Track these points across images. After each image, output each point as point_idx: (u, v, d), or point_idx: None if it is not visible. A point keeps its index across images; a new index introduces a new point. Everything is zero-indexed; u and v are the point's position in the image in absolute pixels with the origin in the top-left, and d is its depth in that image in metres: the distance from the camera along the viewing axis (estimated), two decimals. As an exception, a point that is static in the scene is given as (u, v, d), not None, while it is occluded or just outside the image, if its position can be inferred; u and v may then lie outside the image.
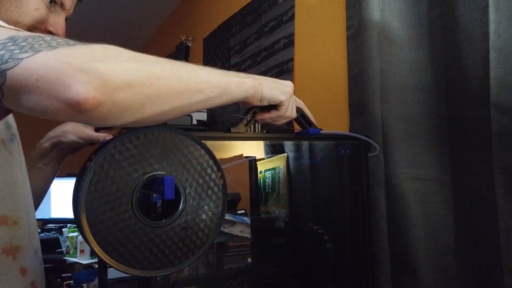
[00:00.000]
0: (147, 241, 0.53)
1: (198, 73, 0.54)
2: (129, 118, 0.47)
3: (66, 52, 0.45)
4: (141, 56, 0.49)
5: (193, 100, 0.52)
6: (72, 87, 0.42)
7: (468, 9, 0.84)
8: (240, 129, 0.70)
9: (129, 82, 0.45)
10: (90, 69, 0.43)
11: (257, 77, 0.64)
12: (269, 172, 1.13)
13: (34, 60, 0.44)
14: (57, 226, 2.76)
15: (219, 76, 0.57)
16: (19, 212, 0.72)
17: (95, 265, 2.01)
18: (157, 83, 0.48)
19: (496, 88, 0.77)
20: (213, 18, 2.26)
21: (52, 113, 0.45)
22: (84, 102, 0.42)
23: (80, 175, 0.52)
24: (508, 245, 0.75)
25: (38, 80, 0.43)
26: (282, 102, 0.67)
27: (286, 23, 1.54)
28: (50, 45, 0.45)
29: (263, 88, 0.64)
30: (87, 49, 0.46)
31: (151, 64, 0.49)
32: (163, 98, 0.49)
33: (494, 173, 0.77)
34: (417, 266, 0.93)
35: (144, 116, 0.48)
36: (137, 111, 0.47)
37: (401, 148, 0.98)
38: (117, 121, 0.47)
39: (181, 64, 0.53)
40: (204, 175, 0.57)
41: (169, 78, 0.50)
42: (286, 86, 0.69)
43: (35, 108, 0.45)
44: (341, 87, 1.22)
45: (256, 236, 1.06)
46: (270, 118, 0.70)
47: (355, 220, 0.84)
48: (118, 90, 0.44)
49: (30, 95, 0.44)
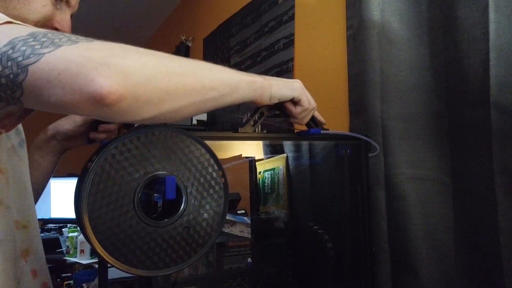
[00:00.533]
0: (149, 241, 0.53)
1: (212, 70, 0.55)
2: (148, 113, 0.48)
3: (87, 46, 0.46)
4: (157, 53, 0.50)
5: (208, 96, 0.53)
6: (95, 81, 0.43)
7: (468, 9, 0.84)
8: (247, 129, 0.71)
9: (149, 77, 0.46)
10: (112, 64, 0.44)
11: (266, 77, 0.66)
12: (269, 173, 1.13)
13: (56, 55, 0.44)
14: (57, 226, 2.75)
15: (232, 75, 0.58)
16: (28, 216, 0.73)
17: (95, 265, 2.01)
18: (175, 79, 0.49)
19: (496, 88, 0.77)
20: (213, 18, 2.26)
21: (74, 108, 0.45)
22: (107, 96, 0.43)
23: (82, 176, 0.52)
24: (508, 245, 0.75)
25: (60, 74, 0.43)
26: (296, 97, 0.70)
27: (286, 23, 1.54)
28: (70, 39, 0.46)
29: (272, 87, 0.66)
30: (107, 45, 0.47)
31: (168, 60, 0.50)
32: (181, 93, 0.50)
33: (494, 173, 0.77)
34: (417, 266, 0.93)
35: (162, 111, 0.49)
36: (156, 106, 0.48)
37: (401, 148, 0.98)
38: (137, 116, 0.48)
39: (195, 61, 0.54)
40: (205, 174, 0.58)
41: (186, 74, 0.51)
42: (294, 83, 0.71)
43: (56, 103, 0.45)
44: (341, 87, 1.22)
45: (256, 236, 1.06)
46: (296, 113, 0.72)
47: (355, 220, 0.84)
48: (139, 84, 0.45)
49: (53, 89, 0.44)
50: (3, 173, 0.67)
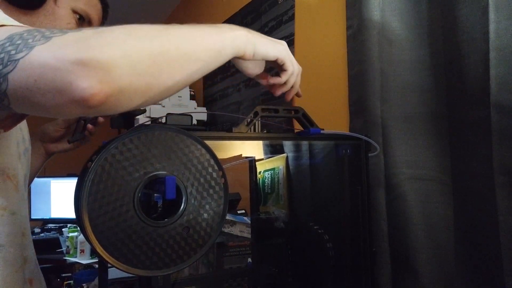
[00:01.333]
0: (149, 241, 0.53)
1: (195, 39, 0.51)
2: (138, 100, 0.46)
3: (60, 42, 0.42)
4: (135, 31, 0.47)
5: (194, 69, 0.51)
6: (74, 84, 0.40)
7: (468, 9, 0.84)
8: (241, 129, 0.70)
9: (132, 66, 0.44)
10: (89, 60, 0.41)
11: (250, 31, 0.61)
12: (268, 173, 1.13)
13: (30, 59, 0.41)
14: (57, 226, 2.75)
15: (214, 36, 0.54)
16: (25, 223, 0.73)
17: (95, 265, 2.01)
18: (159, 60, 0.46)
19: (496, 88, 0.77)
20: (213, 18, 2.26)
21: (63, 112, 0.44)
22: (91, 98, 0.41)
23: (82, 176, 0.52)
24: (508, 245, 0.75)
25: (36, 81, 0.41)
26: (281, 59, 0.64)
27: (286, 23, 1.54)
28: (44, 35, 0.43)
29: (256, 43, 0.60)
30: (80, 35, 0.44)
31: (148, 39, 0.47)
32: (167, 74, 0.47)
33: (494, 173, 0.77)
34: (417, 266, 0.93)
35: (151, 96, 0.47)
36: (145, 93, 0.46)
37: (401, 148, 0.98)
38: (128, 107, 0.46)
39: (175, 31, 0.50)
40: (205, 174, 0.58)
41: (169, 52, 0.48)
42: (279, 43, 0.65)
43: (43, 109, 0.43)
44: (341, 87, 1.22)
45: (256, 236, 1.06)
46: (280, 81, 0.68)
47: (355, 220, 0.84)
48: (123, 76, 0.43)
49: (35, 97, 0.42)
50: (11, 179, 0.67)
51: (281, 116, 0.78)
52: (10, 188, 0.66)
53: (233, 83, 1.96)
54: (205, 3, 2.45)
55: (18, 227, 0.68)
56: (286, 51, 0.66)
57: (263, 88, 1.67)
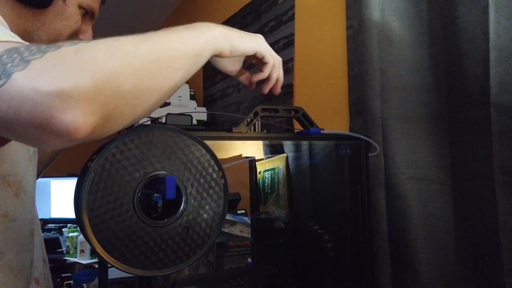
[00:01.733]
0: (149, 241, 0.53)
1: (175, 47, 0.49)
2: (126, 121, 0.45)
3: (38, 67, 0.39)
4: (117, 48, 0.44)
5: (177, 79, 0.49)
6: (55, 119, 0.37)
7: (468, 9, 0.84)
8: (241, 129, 0.70)
9: (116, 88, 0.41)
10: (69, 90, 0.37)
11: (226, 27, 0.59)
12: (268, 173, 1.13)
13: (8, 89, 0.38)
14: (57, 226, 2.75)
15: (193, 41, 0.52)
16: (35, 223, 0.74)
17: (95, 265, 2.01)
18: (142, 77, 0.44)
19: (496, 88, 0.77)
20: (213, 18, 2.26)
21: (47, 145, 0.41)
22: (75, 131, 0.38)
23: (82, 175, 0.52)
24: (508, 245, 0.75)
25: (16, 113, 0.38)
26: (260, 52, 0.64)
27: (286, 23, 1.54)
28: (23, 58, 0.40)
29: (233, 39, 0.59)
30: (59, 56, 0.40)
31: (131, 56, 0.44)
32: (152, 91, 0.46)
33: (494, 173, 0.77)
34: (417, 266, 0.93)
35: (138, 114, 0.46)
36: (130, 114, 0.44)
37: (401, 148, 0.98)
38: (116, 130, 0.44)
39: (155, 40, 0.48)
40: (205, 174, 0.57)
41: (151, 65, 0.46)
42: (256, 36, 0.65)
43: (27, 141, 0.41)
44: (341, 87, 1.22)
45: (256, 236, 1.06)
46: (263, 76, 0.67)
47: (355, 220, 0.84)
48: (107, 101, 0.40)
49: (16, 130, 0.40)
50: (11, 186, 0.66)
51: (281, 116, 0.78)
52: (10, 195, 0.66)
53: (233, 83, 1.96)
54: (204, 3, 2.45)
55: (18, 232, 0.67)
56: (264, 44, 0.66)
57: (263, 88, 1.67)
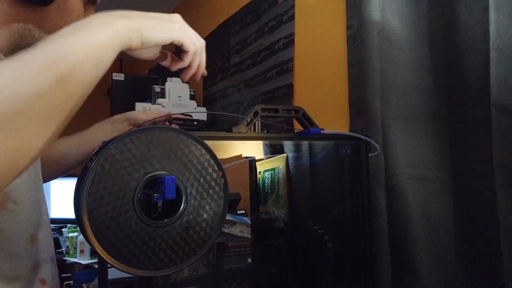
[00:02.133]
0: (149, 241, 0.53)
1: (76, 59, 0.41)
2: (10, 177, 0.38)
3: None
4: None
5: (78, 100, 0.41)
6: None
7: (468, 9, 0.84)
8: (241, 129, 0.70)
9: None
10: None
11: (134, 16, 0.51)
12: (268, 173, 1.13)
13: None
14: (57, 226, 2.75)
15: (93, 41, 0.44)
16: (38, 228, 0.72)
17: (95, 265, 2.01)
18: (24, 125, 0.36)
19: (496, 88, 0.77)
20: (213, 18, 2.26)
21: None
22: None
23: (82, 176, 0.52)
24: (508, 245, 0.75)
25: None
26: (177, 40, 0.56)
27: (286, 23, 1.54)
28: None
29: (142, 30, 0.51)
30: None
31: (13, 96, 0.36)
32: (43, 124, 0.38)
33: (494, 173, 0.77)
34: (417, 266, 0.93)
35: (25, 165, 0.39)
36: (11, 171, 0.37)
37: (401, 148, 0.98)
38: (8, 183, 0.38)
39: (46, 58, 0.39)
40: (205, 174, 0.57)
41: (45, 96, 0.37)
42: (171, 23, 0.56)
43: None
44: (341, 87, 1.22)
45: (256, 236, 1.06)
46: (183, 64, 0.60)
47: (355, 220, 0.84)
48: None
49: None
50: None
51: (281, 116, 0.78)
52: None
53: (233, 83, 1.96)
54: (205, 3, 2.45)
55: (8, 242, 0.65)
56: (182, 29, 0.57)
57: (263, 88, 1.67)
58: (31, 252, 0.69)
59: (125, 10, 0.51)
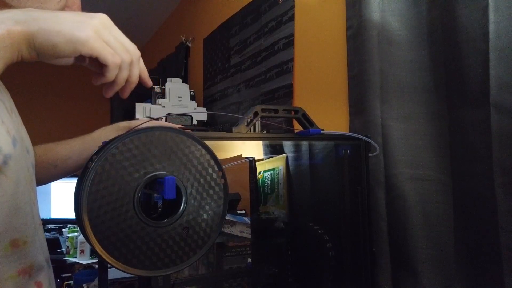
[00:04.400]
0: (149, 241, 0.53)
1: None
2: None
3: None
4: None
5: None
6: None
7: (468, 9, 0.84)
8: (241, 129, 0.70)
9: None
10: None
11: (32, 14, 0.40)
12: (268, 173, 1.13)
13: None
14: (57, 226, 2.75)
15: None
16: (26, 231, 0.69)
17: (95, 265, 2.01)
18: None
19: (496, 88, 0.77)
20: (213, 18, 2.26)
21: None
22: None
23: (82, 176, 0.52)
24: (508, 245, 0.75)
25: None
26: (87, 53, 0.42)
27: (286, 23, 1.54)
28: None
29: (35, 37, 0.40)
30: None
31: None
32: None
33: (494, 173, 0.77)
34: (417, 266, 0.93)
35: None
36: None
37: (401, 148, 0.98)
38: None
39: None
40: (205, 174, 0.57)
41: None
42: (84, 27, 0.43)
43: None
44: (341, 87, 1.22)
45: (256, 236, 1.06)
46: (106, 80, 0.48)
47: (355, 220, 0.84)
48: None
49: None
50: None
51: (281, 116, 0.78)
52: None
53: (233, 83, 1.97)
54: (205, 3, 2.45)
55: None
56: (96, 38, 0.43)
57: (263, 89, 1.67)
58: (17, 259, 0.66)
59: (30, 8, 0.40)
